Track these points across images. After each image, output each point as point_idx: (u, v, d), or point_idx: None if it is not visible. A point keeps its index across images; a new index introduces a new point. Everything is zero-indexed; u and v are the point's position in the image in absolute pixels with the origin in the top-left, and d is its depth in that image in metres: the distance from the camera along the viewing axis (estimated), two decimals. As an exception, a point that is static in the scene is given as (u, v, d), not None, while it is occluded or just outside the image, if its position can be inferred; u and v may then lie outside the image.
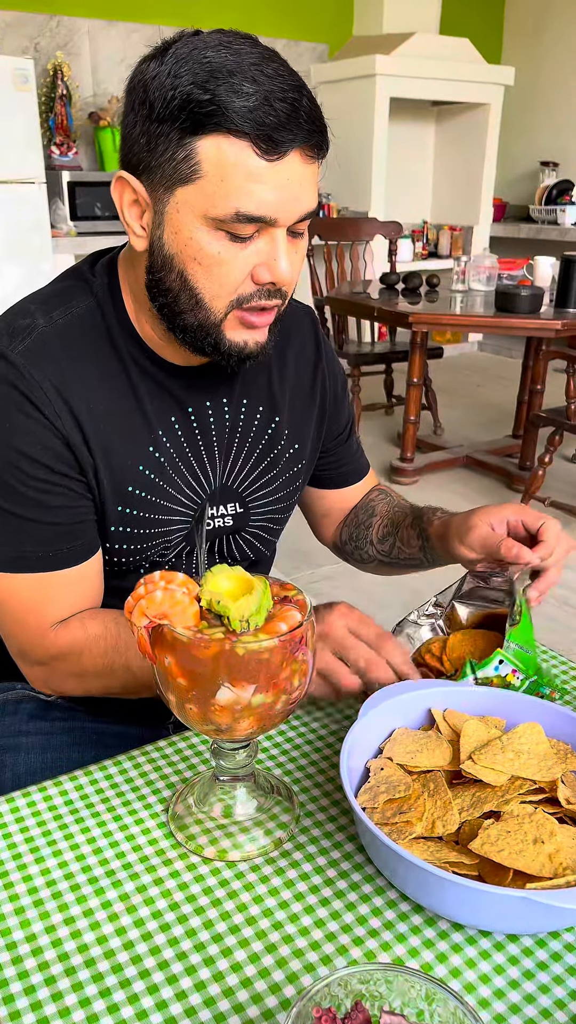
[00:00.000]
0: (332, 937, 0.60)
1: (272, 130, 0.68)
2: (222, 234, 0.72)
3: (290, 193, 0.71)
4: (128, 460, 0.83)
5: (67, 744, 0.95)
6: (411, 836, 0.61)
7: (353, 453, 1.10)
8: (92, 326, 0.83)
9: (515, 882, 0.59)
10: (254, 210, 0.70)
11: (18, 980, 0.57)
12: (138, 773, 0.76)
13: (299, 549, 2.96)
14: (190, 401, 0.87)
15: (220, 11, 4.69)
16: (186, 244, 0.74)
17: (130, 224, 0.78)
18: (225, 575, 0.64)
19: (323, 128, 0.73)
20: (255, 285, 0.75)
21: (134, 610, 0.62)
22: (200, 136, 0.69)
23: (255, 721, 0.63)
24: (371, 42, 4.92)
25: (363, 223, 3.99)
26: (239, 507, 0.94)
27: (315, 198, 0.75)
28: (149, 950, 0.59)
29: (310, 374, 0.99)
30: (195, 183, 0.71)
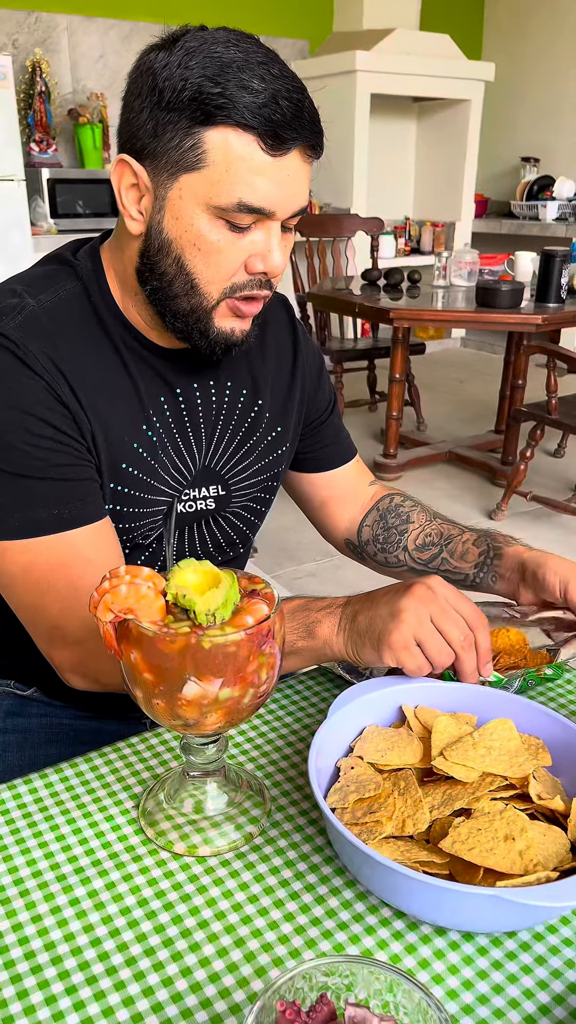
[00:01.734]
0: (301, 930, 0.60)
1: (278, 127, 0.71)
2: (222, 223, 0.75)
3: (289, 189, 0.75)
4: (124, 436, 0.84)
5: (44, 741, 0.95)
6: (381, 836, 0.61)
7: (336, 433, 1.09)
8: (80, 308, 0.83)
9: (486, 880, 0.58)
10: (255, 202, 0.73)
11: (-17, 979, 0.56)
12: (110, 770, 0.76)
13: (282, 546, 2.96)
14: (178, 383, 0.88)
15: (199, 7, 4.67)
16: (186, 230, 0.76)
17: (127, 207, 0.79)
18: (192, 569, 0.64)
19: (321, 130, 0.77)
20: (248, 275, 0.78)
21: (99, 605, 0.61)
22: (209, 127, 0.72)
23: (223, 715, 0.63)
24: (351, 38, 4.92)
25: (345, 219, 3.99)
26: (220, 489, 0.94)
27: (307, 195, 0.78)
28: (116, 946, 0.58)
29: (289, 358, 1.00)
30: (200, 171, 0.73)
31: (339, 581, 2.71)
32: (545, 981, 0.57)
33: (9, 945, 0.58)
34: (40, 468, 0.78)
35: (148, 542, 0.91)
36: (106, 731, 0.97)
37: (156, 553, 0.93)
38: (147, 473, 0.86)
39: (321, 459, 1.09)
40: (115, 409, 0.83)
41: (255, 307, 0.81)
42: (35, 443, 0.78)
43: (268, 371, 0.97)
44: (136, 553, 0.91)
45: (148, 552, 0.92)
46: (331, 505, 1.12)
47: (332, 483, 1.11)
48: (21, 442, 0.77)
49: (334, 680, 0.89)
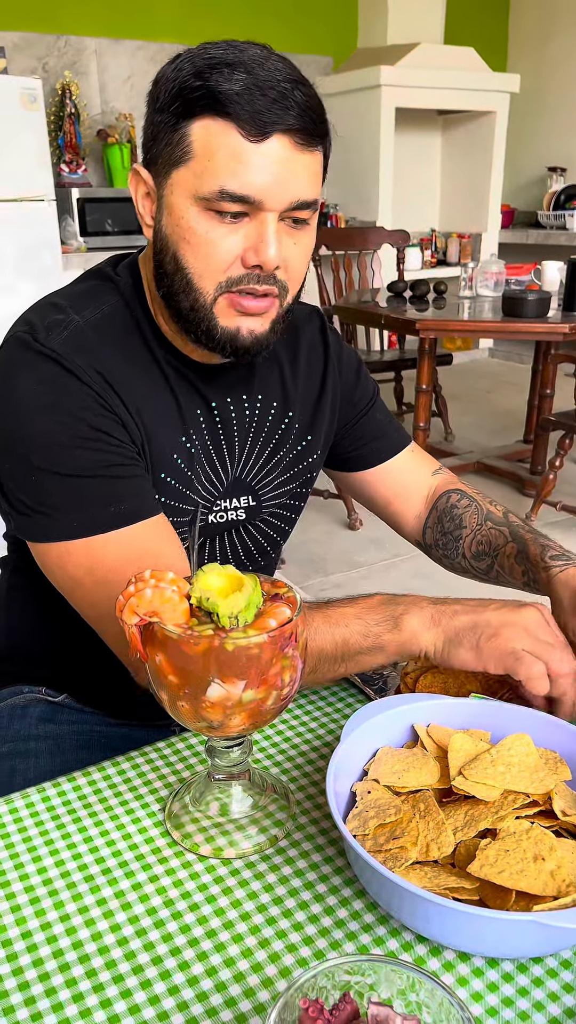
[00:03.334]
0: (326, 932, 0.60)
1: (256, 112, 0.71)
2: (211, 214, 0.75)
3: (275, 176, 0.73)
4: (165, 447, 0.85)
5: (75, 747, 0.96)
6: (407, 863, 0.59)
7: (380, 427, 1.07)
8: (123, 323, 0.85)
9: (518, 904, 0.57)
10: (237, 188, 0.73)
11: (12, 976, 0.57)
12: (136, 774, 0.77)
13: (309, 558, 2.97)
14: (213, 396, 0.89)
15: (225, 27, 4.73)
16: (178, 224, 0.77)
17: (142, 215, 0.81)
18: (215, 573, 0.64)
19: (318, 119, 0.75)
20: (244, 268, 0.77)
21: (124, 608, 0.62)
22: (191, 120, 0.73)
23: (247, 717, 0.63)
24: (376, 53, 4.95)
25: (370, 232, 4.01)
26: (251, 500, 0.95)
27: (311, 188, 0.77)
28: (143, 946, 0.59)
29: (320, 365, 1.01)
30: (187, 164, 0.74)
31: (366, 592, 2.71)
32: (573, 1009, 0.55)
33: (38, 944, 0.59)
34: (93, 467, 0.79)
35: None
36: (134, 737, 0.98)
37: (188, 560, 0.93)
38: (183, 483, 0.88)
39: (366, 455, 1.07)
40: (158, 420, 0.85)
41: (259, 304, 0.79)
42: (86, 445, 0.79)
43: (299, 381, 0.98)
44: None
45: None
46: (396, 503, 1.10)
47: (389, 478, 1.08)
48: (72, 444, 0.78)
49: (357, 687, 0.89)
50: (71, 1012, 0.54)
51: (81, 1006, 0.55)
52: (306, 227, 0.80)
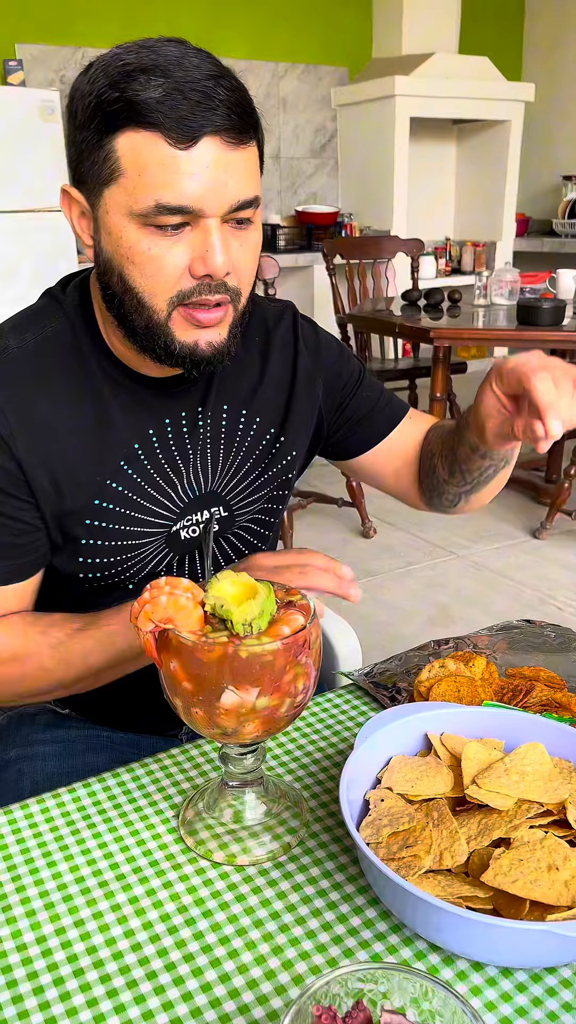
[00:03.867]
0: (339, 940, 0.60)
1: (181, 118, 0.68)
2: (151, 230, 0.72)
3: (211, 181, 0.70)
4: (96, 476, 0.84)
5: (83, 750, 0.96)
6: (420, 871, 0.59)
7: (370, 404, 1.03)
8: (63, 345, 0.84)
9: (532, 912, 0.57)
10: (173, 200, 0.70)
11: (27, 980, 0.57)
12: (150, 780, 0.77)
13: (324, 565, 2.97)
14: (167, 412, 0.87)
15: (239, 38, 4.77)
16: (119, 245, 0.74)
17: (80, 235, 0.79)
18: (229, 580, 0.65)
19: (246, 113, 0.72)
20: (193, 279, 0.74)
21: (139, 615, 0.63)
22: (115, 135, 0.70)
23: (260, 724, 0.63)
24: (391, 63, 4.97)
25: (385, 241, 4.02)
26: (223, 511, 0.93)
27: (250, 185, 0.74)
28: (156, 952, 0.59)
29: (290, 368, 0.96)
30: (117, 182, 0.72)
31: (380, 600, 2.71)
32: (586, 1004, 0.55)
33: (53, 948, 0.60)
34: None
35: (144, 574, 0.90)
36: (143, 745, 0.99)
37: (136, 580, 0.91)
38: (129, 507, 0.86)
39: (365, 436, 1.03)
40: (87, 449, 0.83)
41: (214, 315, 0.76)
42: None
43: (267, 385, 0.94)
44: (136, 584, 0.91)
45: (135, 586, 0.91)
46: (404, 473, 1.05)
47: (392, 451, 1.04)
48: None
49: (371, 695, 0.89)
50: (85, 1017, 0.55)
51: (95, 1011, 0.55)
52: (250, 225, 0.77)
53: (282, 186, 5.24)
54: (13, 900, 0.64)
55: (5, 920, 0.62)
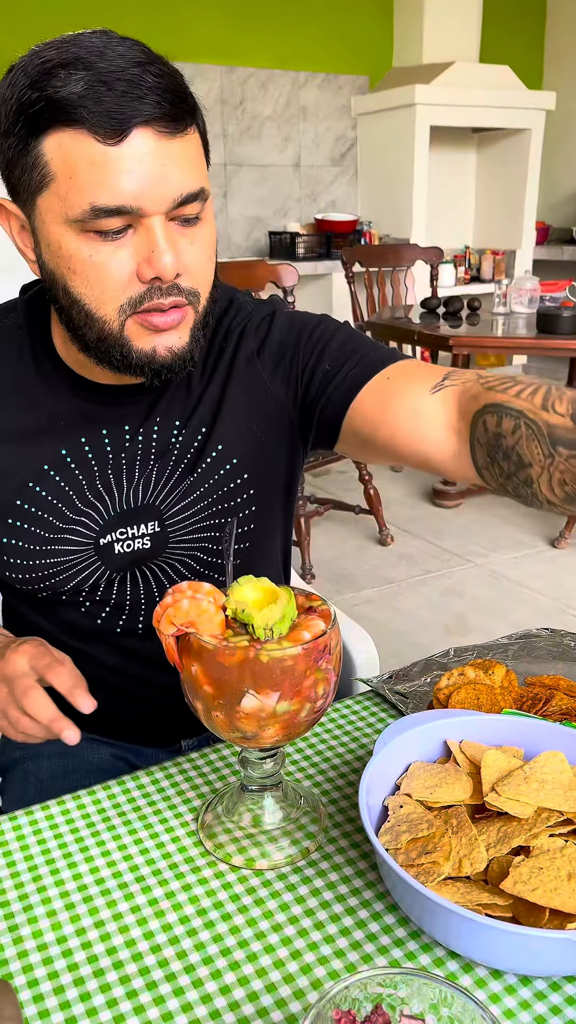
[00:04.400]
0: (357, 946, 0.60)
1: (106, 111, 0.63)
2: (90, 236, 0.67)
3: (148, 175, 0.65)
4: (18, 476, 0.82)
5: (86, 749, 0.97)
6: (439, 878, 0.59)
7: (335, 368, 0.83)
8: (6, 345, 0.83)
9: (552, 921, 0.57)
10: (109, 201, 0.65)
11: (48, 980, 0.58)
12: (169, 783, 0.77)
13: (340, 573, 2.97)
14: (106, 421, 0.83)
15: (259, 47, 4.80)
16: (59, 256, 0.69)
17: (23, 251, 0.74)
18: (251, 585, 0.65)
19: (179, 99, 0.67)
20: (143, 284, 0.69)
21: (162, 619, 0.64)
22: (40, 137, 0.66)
23: (280, 729, 0.64)
24: (411, 72, 4.99)
25: (404, 249, 4.02)
26: (156, 526, 0.86)
27: (192, 176, 0.68)
28: (176, 954, 0.60)
29: (253, 378, 0.87)
30: (49, 188, 0.67)
31: (396, 608, 2.70)
32: (605, 1008, 0.55)
33: (73, 949, 0.60)
34: None
35: (71, 588, 0.87)
36: (145, 753, 1.00)
37: (80, 599, 0.89)
38: (50, 512, 0.84)
39: (338, 400, 0.82)
40: (11, 449, 0.82)
41: (170, 317, 0.71)
42: None
43: (228, 399, 0.85)
44: (61, 608, 0.90)
45: (73, 603, 0.89)
46: (415, 446, 0.77)
47: (366, 411, 0.81)
48: None
49: (390, 702, 0.89)
50: (105, 1017, 0.55)
51: (115, 1011, 0.56)
52: (199, 223, 0.71)
53: (302, 194, 5.26)
54: (35, 900, 0.65)
55: (27, 920, 0.63)
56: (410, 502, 3.60)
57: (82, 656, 0.87)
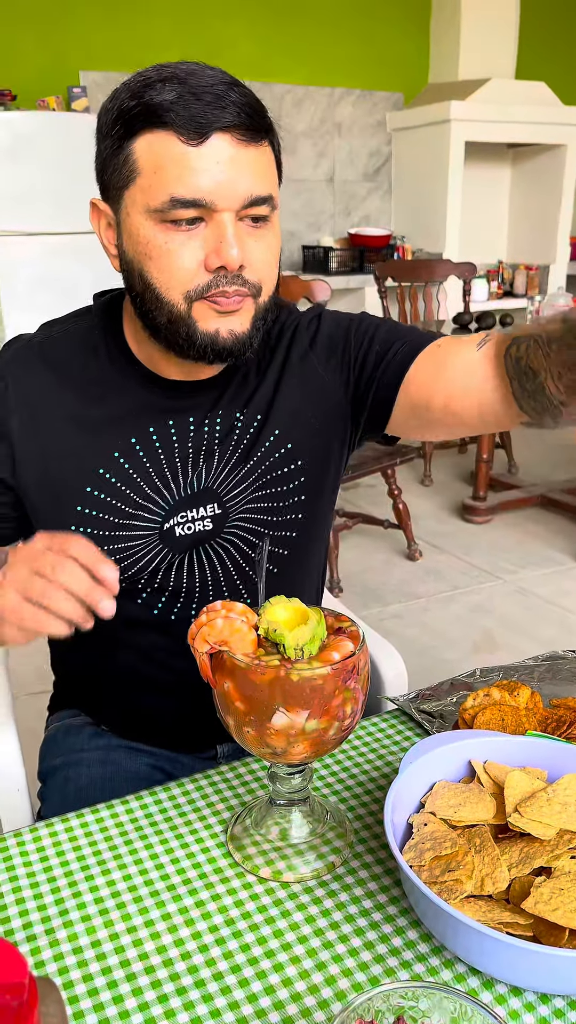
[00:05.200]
0: (380, 959, 0.62)
1: (192, 116, 0.73)
2: (167, 225, 0.76)
3: (223, 175, 0.74)
4: (87, 464, 0.87)
5: (124, 758, 1.00)
6: (462, 896, 0.61)
7: (385, 350, 0.91)
8: (82, 341, 0.91)
9: (572, 942, 0.58)
10: (187, 193, 0.74)
11: (83, 983, 0.60)
12: (200, 795, 0.80)
13: (367, 587, 2.98)
14: (173, 413, 0.89)
15: (295, 64, 4.86)
16: (137, 243, 0.78)
17: (106, 247, 0.83)
18: (282, 606, 0.68)
19: (257, 114, 0.76)
20: (209, 274, 0.77)
21: (196, 636, 0.66)
22: (133, 139, 0.75)
23: (309, 746, 0.66)
24: (447, 89, 5.01)
25: (437, 264, 4.04)
26: (216, 507, 0.91)
27: (263, 182, 0.77)
28: (205, 961, 0.62)
29: (305, 372, 0.94)
30: (135, 182, 0.76)
31: (424, 624, 2.71)
32: (623, 1028, 0.57)
33: (107, 953, 0.63)
34: None
35: (139, 575, 0.91)
36: (182, 761, 1.02)
37: (141, 584, 0.92)
38: (119, 499, 0.88)
39: (390, 377, 0.90)
40: (82, 438, 0.87)
41: (233, 301, 0.79)
42: None
43: (283, 393, 0.92)
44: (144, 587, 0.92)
45: (130, 581, 0.91)
46: (454, 400, 0.85)
47: (421, 378, 0.88)
48: None
49: (415, 721, 0.91)
50: (137, 1020, 0.57)
51: (146, 1015, 0.58)
52: (267, 224, 0.79)
53: (335, 209, 5.30)
54: (70, 904, 0.67)
55: (63, 923, 0.65)
56: (439, 517, 3.60)
57: (128, 649, 0.94)
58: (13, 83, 4.11)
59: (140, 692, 0.99)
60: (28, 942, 0.64)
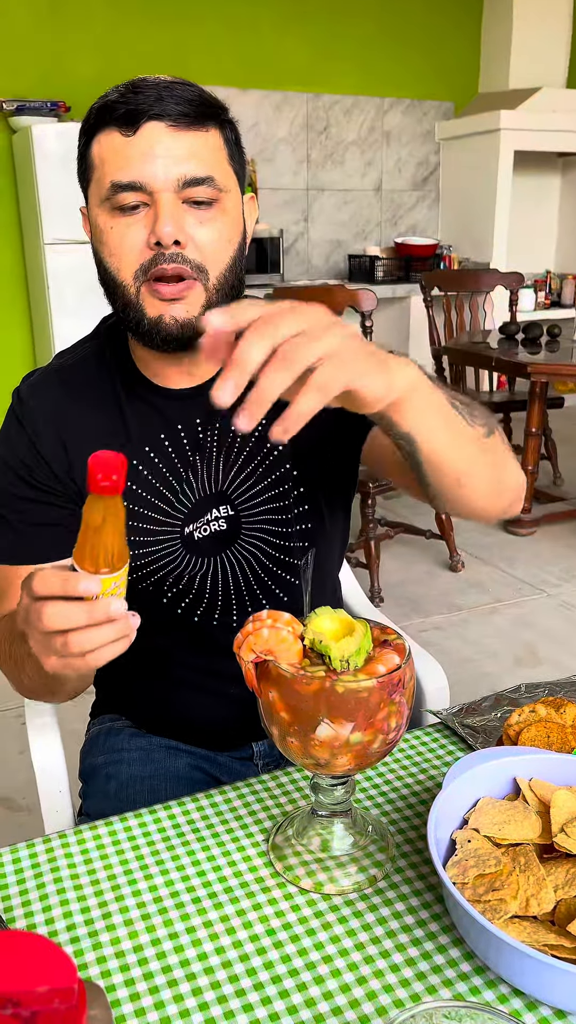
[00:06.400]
0: (422, 977, 0.62)
1: (129, 111, 0.79)
2: (116, 212, 0.82)
3: (156, 158, 0.79)
4: None
5: (164, 757, 1.01)
6: (506, 916, 0.60)
7: None
8: (93, 363, 0.95)
9: None
10: (123, 177, 0.80)
11: (125, 987, 0.61)
12: (242, 803, 0.80)
13: (408, 597, 2.96)
14: (180, 419, 0.93)
15: (345, 74, 4.87)
16: (95, 232, 0.85)
17: (93, 247, 0.88)
18: (328, 616, 0.68)
19: (197, 104, 0.81)
20: (151, 251, 0.81)
21: (242, 646, 0.66)
22: (90, 143, 0.83)
23: (353, 759, 0.66)
24: (497, 98, 4.99)
25: (483, 274, 4.01)
26: (229, 510, 0.95)
27: (200, 165, 0.81)
28: (246, 971, 0.62)
29: None
30: (93, 179, 0.84)
31: (465, 637, 2.69)
32: None
33: (148, 958, 0.63)
34: (7, 503, 0.92)
35: (156, 578, 0.93)
36: (219, 761, 1.03)
37: (163, 594, 0.95)
38: (142, 505, 0.92)
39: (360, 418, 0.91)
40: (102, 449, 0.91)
41: (174, 288, 0.82)
42: (12, 489, 0.92)
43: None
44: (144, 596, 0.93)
45: (151, 593, 0.94)
46: (389, 459, 0.93)
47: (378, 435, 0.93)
48: (5, 483, 0.92)
49: (459, 735, 0.90)
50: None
51: (187, 1021, 0.58)
52: (213, 208, 0.83)
53: (382, 218, 5.30)
54: (113, 908, 0.68)
55: (105, 927, 0.66)
56: (482, 528, 3.57)
57: (156, 650, 0.97)
58: (67, 95, 4.19)
59: (173, 692, 1.01)
60: (72, 944, 0.65)
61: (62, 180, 3.77)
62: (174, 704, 1.02)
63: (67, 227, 3.84)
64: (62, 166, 3.76)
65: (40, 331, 4.33)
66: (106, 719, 1.10)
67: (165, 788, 0.96)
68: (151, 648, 0.98)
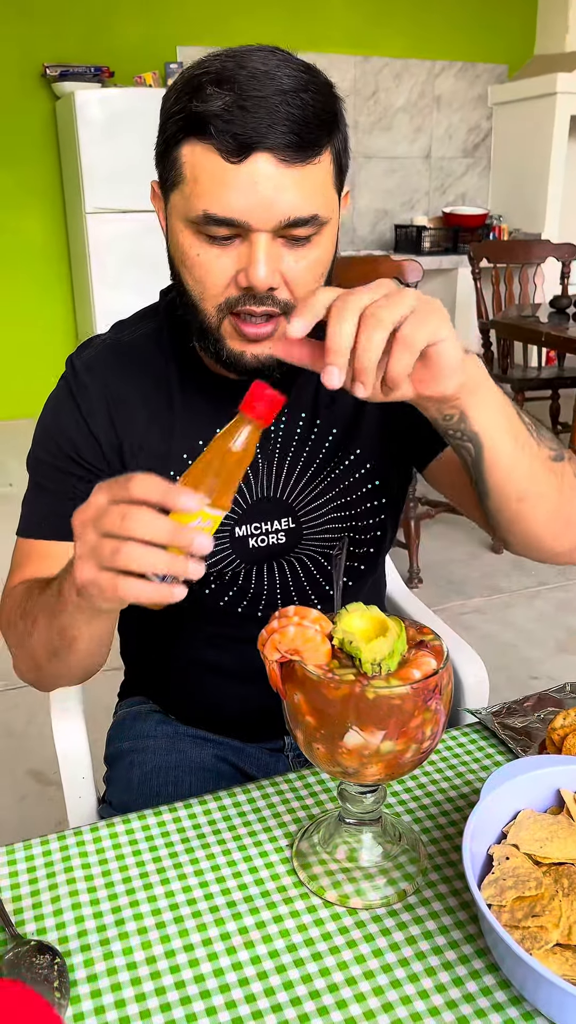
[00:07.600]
0: (453, 1005, 0.57)
1: (235, 133, 0.69)
2: (202, 237, 0.74)
3: (260, 197, 0.70)
4: (162, 462, 0.87)
5: (190, 746, 0.98)
6: (547, 945, 0.56)
7: None
8: (151, 344, 0.90)
9: None
10: (220, 212, 0.71)
11: (135, 1003, 0.58)
12: (266, 804, 0.76)
13: (449, 579, 2.90)
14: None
15: (395, 36, 4.72)
16: (176, 247, 0.77)
17: (163, 230, 0.82)
18: (359, 614, 0.63)
19: (309, 130, 0.70)
20: (239, 290, 0.75)
21: (267, 644, 0.62)
22: (179, 144, 0.73)
23: (383, 768, 0.61)
24: (553, 61, 4.79)
25: (534, 245, 3.87)
26: (291, 522, 0.90)
27: (305, 204, 0.72)
28: (264, 991, 0.58)
29: None
30: (179, 188, 0.74)
31: (506, 620, 2.62)
32: None
33: (161, 972, 0.60)
34: (52, 480, 0.88)
35: (219, 583, 0.90)
36: (247, 752, 1.00)
37: (219, 591, 0.91)
38: None
39: (428, 439, 0.90)
40: (157, 438, 0.87)
41: (261, 330, 0.76)
42: (56, 462, 0.88)
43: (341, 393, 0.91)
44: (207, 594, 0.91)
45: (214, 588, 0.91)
46: (460, 487, 0.90)
47: (449, 461, 0.90)
48: (48, 456, 0.88)
49: (500, 739, 0.85)
50: (189, 1049, 0.54)
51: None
52: (309, 244, 0.75)
53: (431, 186, 5.15)
54: (127, 914, 0.65)
55: (118, 935, 0.63)
56: (527, 508, 3.47)
57: (192, 637, 0.94)
58: (111, 60, 4.13)
59: (204, 679, 0.98)
60: (82, 952, 0.61)
61: (105, 147, 3.71)
62: (206, 691, 0.99)
63: (110, 195, 3.79)
64: (105, 133, 3.70)
65: (81, 302, 4.31)
66: (134, 701, 1.08)
67: (189, 781, 0.93)
68: (188, 635, 0.96)
